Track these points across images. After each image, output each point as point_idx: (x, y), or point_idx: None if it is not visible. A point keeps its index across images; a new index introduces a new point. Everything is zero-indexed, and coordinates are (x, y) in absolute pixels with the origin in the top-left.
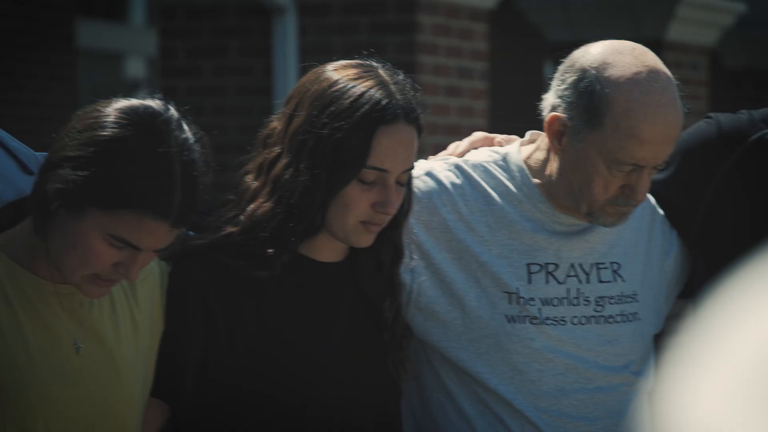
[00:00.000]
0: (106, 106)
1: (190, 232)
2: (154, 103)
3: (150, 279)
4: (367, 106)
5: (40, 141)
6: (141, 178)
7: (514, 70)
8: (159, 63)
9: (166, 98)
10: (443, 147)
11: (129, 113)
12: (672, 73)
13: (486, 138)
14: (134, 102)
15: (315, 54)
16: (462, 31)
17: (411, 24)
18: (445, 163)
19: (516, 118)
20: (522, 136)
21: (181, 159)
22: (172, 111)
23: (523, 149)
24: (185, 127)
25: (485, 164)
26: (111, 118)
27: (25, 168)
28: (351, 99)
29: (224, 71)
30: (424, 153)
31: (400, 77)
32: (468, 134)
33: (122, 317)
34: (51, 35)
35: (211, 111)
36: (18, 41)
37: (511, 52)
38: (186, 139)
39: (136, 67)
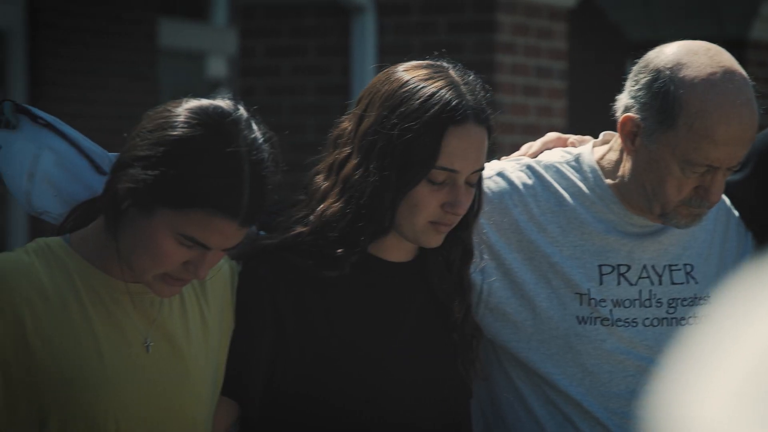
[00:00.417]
0: (176, 106)
1: (261, 232)
2: (224, 103)
3: (220, 278)
4: (437, 107)
5: (123, 140)
6: (210, 178)
7: (593, 70)
8: (238, 62)
9: (245, 98)
10: (521, 146)
11: (199, 113)
12: (755, 72)
13: (559, 138)
14: (204, 102)
15: (393, 53)
16: (541, 31)
17: (489, 23)
18: (517, 163)
19: (595, 117)
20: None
21: (250, 158)
22: (242, 111)
23: (596, 150)
24: (254, 126)
25: (557, 165)
26: (181, 118)
27: (97, 168)
28: (421, 99)
29: (303, 70)
30: (502, 152)
31: (471, 77)
32: (546, 134)
33: (192, 316)
34: (134, 35)
35: (289, 110)
36: (101, 41)
37: (590, 52)
38: (255, 138)
39: (217, 67)
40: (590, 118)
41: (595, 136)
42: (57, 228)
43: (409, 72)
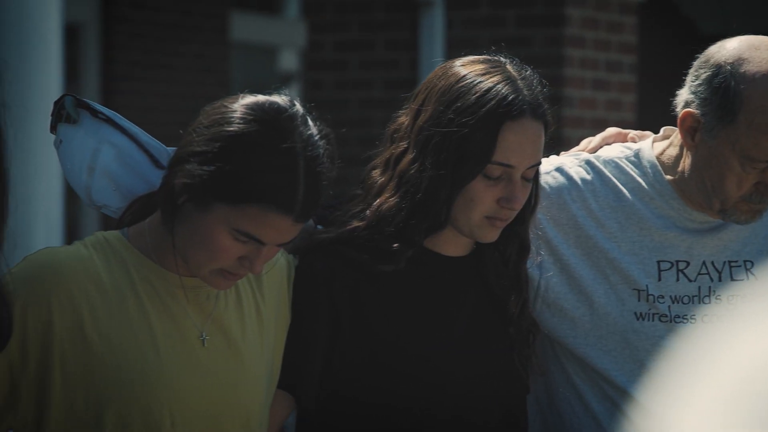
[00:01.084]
0: (232, 102)
1: (319, 226)
2: (280, 99)
3: (277, 272)
4: (493, 102)
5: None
6: (265, 174)
7: (664, 64)
8: (307, 56)
9: (312, 92)
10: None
11: (254, 109)
12: None
13: (619, 134)
14: (260, 98)
15: (461, 47)
16: (611, 24)
17: (559, 17)
18: (576, 159)
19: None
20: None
21: (305, 154)
22: (298, 107)
23: (656, 145)
24: (310, 122)
25: (617, 160)
26: (237, 114)
27: (156, 162)
28: (477, 94)
29: (371, 64)
30: (571, 146)
31: (528, 72)
32: (606, 129)
33: (248, 310)
34: (205, 29)
35: (357, 104)
36: (173, 35)
37: (661, 45)
38: (311, 134)
39: (289, 60)
40: (660, 113)
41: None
42: (115, 222)
43: (466, 67)
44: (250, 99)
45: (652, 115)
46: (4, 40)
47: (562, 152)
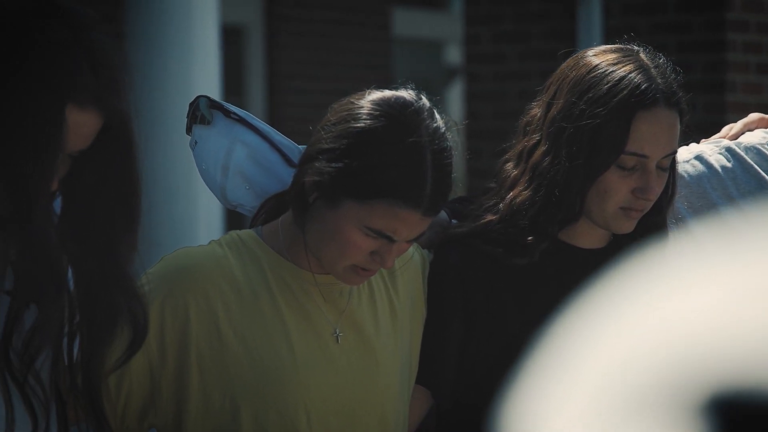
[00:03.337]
0: (359, 98)
1: (454, 221)
2: (407, 94)
3: (410, 267)
4: (625, 91)
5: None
6: (392, 169)
7: None
8: (464, 49)
9: (470, 84)
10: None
11: (381, 104)
12: None
13: (762, 119)
14: (387, 93)
15: (619, 36)
16: None
17: (720, 1)
18: (716, 146)
19: None
20: None
21: (432, 148)
22: (424, 100)
23: None
24: (437, 116)
25: (759, 146)
26: (364, 110)
27: (288, 161)
28: (609, 84)
29: (528, 56)
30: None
31: (661, 60)
32: (749, 114)
33: (381, 306)
34: (368, 25)
35: (515, 96)
36: (336, 32)
37: None
38: (437, 128)
39: (454, 55)
40: None
41: None
42: (250, 220)
43: (598, 56)
44: (376, 95)
45: None
46: (167, 46)
47: (702, 140)
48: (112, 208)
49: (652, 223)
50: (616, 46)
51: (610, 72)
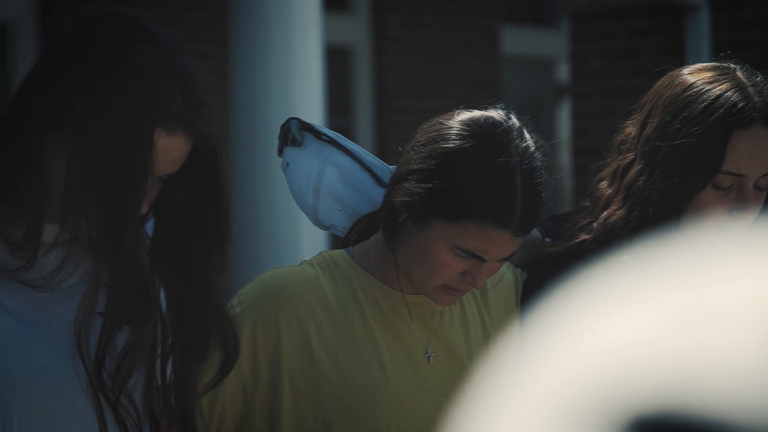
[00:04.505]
0: (448, 119)
1: (548, 239)
2: (496, 113)
3: (503, 287)
4: (721, 110)
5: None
6: (482, 189)
7: None
8: (572, 67)
9: (578, 102)
10: None
11: (470, 125)
12: None
13: None
14: (476, 113)
15: (728, 51)
16: None
17: None
18: None
19: None
20: None
21: (522, 168)
22: (513, 120)
23: None
24: (526, 135)
25: None
26: (453, 131)
27: (379, 181)
28: (705, 103)
29: (637, 72)
30: None
31: (758, 78)
32: None
33: (473, 326)
34: (476, 44)
35: (623, 113)
36: (443, 51)
37: None
38: (527, 147)
39: (563, 73)
40: None
41: None
42: (342, 241)
43: (693, 75)
44: (465, 115)
45: None
46: (270, 69)
47: None
48: (202, 230)
49: None
50: (712, 64)
51: (706, 90)
